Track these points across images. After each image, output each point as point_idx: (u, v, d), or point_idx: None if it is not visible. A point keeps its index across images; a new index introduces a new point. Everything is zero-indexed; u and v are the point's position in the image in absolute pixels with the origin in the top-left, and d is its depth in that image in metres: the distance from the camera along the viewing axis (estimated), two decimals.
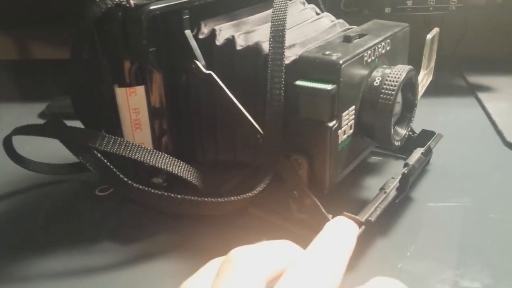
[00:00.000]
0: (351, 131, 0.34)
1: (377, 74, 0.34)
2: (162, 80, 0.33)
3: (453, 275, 0.32)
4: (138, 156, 0.32)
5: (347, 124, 0.33)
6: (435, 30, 0.44)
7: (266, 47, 0.35)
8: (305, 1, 0.44)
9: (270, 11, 0.41)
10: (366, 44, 0.34)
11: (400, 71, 0.34)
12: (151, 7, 0.31)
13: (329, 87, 0.30)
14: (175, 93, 0.35)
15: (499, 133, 0.50)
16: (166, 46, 0.33)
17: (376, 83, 0.34)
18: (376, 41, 0.35)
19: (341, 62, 0.31)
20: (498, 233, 0.36)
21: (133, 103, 0.33)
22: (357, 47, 0.33)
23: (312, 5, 0.44)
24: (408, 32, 0.40)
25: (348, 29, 0.40)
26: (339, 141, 0.32)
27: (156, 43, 0.33)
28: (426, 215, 0.39)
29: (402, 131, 0.37)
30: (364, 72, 0.34)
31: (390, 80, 0.34)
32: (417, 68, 0.42)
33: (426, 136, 0.44)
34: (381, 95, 0.33)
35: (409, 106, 0.37)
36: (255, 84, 0.35)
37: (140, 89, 0.33)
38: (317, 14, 0.43)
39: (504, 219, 0.38)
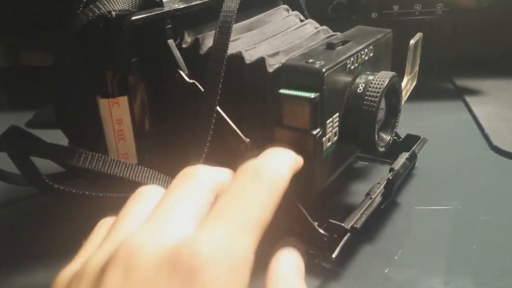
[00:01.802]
0: (336, 138, 0.34)
1: (360, 81, 0.35)
2: (145, 90, 0.33)
3: (438, 282, 0.32)
4: (117, 172, 0.32)
5: (331, 131, 0.33)
6: (418, 35, 0.44)
7: (249, 55, 0.35)
8: (289, 8, 0.45)
9: (254, 18, 0.42)
10: (349, 51, 0.34)
11: (383, 78, 0.34)
12: (133, 18, 0.31)
13: (312, 95, 0.30)
14: (159, 103, 0.35)
15: (486, 137, 0.51)
16: (149, 56, 0.33)
17: (360, 90, 0.34)
18: (359, 48, 0.35)
19: (324, 70, 0.31)
20: (486, 237, 0.37)
21: (116, 114, 0.33)
22: (340, 55, 0.33)
23: (296, 12, 0.44)
24: (391, 38, 0.41)
25: (332, 35, 0.40)
26: (324, 149, 0.32)
27: (139, 53, 0.33)
28: (413, 219, 0.39)
29: (387, 137, 0.37)
30: (348, 79, 0.34)
31: (373, 87, 0.34)
32: (402, 73, 0.43)
33: (411, 140, 0.44)
34: (365, 102, 0.33)
35: (393, 112, 0.37)
36: (239, 92, 0.35)
37: (123, 100, 0.33)
38: (301, 21, 0.43)
39: (494, 222, 0.38)
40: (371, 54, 0.37)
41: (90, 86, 0.32)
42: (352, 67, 0.34)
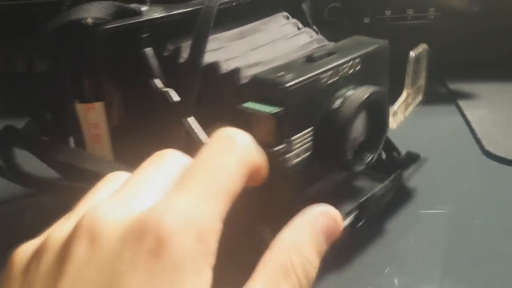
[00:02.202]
0: (308, 154, 0.33)
1: (338, 96, 0.33)
2: (121, 97, 0.34)
3: None
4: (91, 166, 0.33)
5: (300, 147, 0.32)
6: (422, 46, 0.41)
7: (227, 65, 0.35)
8: (288, 16, 0.43)
9: (247, 26, 0.41)
10: (328, 64, 0.33)
11: (361, 93, 0.33)
12: (107, 26, 0.32)
13: (274, 110, 0.29)
14: (135, 110, 0.35)
15: (478, 141, 0.51)
16: (126, 63, 0.34)
17: (336, 105, 0.33)
18: (341, 61, 0.34)
19: (288, 84, 0.30)
20: (479, 242, 0.37)
21: (92, 118, 0.34)
22: (317, 68, 0.32)
23: (295, 20, 0.43)
24: (387, 49, 0.39)
25: (323, 46, 0.39)
26: (289, 165, 0.32)
27: (115, 60, 0.33)
28: (406, 223, 0.39)
29: (368, 156, 0.35)
30: (323, 93, 0.33)
31: (349, 102, 0.32)
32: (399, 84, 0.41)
33: (411, 158, 0.42)
34: (338, 118, 0.32)
35: (377, 130, 0.36)
36: (214, 103, 0.35)
37: (99, 105, 0.34)
38: (299, 29, 0.42)
39: (486, 226, 0.38)
40: (358, 67, 0.35)
41: (69, 91, 0.34)
42: (330, 81, 0.33)
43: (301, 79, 0.31)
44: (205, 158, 0.21)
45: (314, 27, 0.46)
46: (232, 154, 0.21)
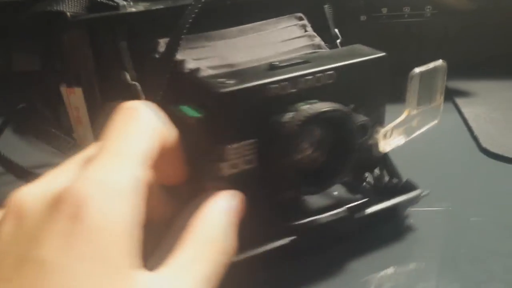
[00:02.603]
0: (250, 167, 0.31)
1: (292, 109, 0.31)
2: (98, 85, 0.36)
3: (426, 287, 0.32)
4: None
5: (240, 158, 0.31)
6: (436, 63, 0.35)
7: (193, 64, 0.34)
8: (302, 17, 0.41)
9: (247, 25, 0.40)
10: (286, 74, 0.31)
11: (317, 107, 0.30)
12: (82, 18, 0.34)
13: (198, 115, 0.29)
14: (111, 98, 0.37)
15: (475, 138, 0.51)
16: (103, 54, 0.35)
17: (285, 119, 0.30)
18: (304, 72, 0.31)
19: (221, 91, 0.29)
20: (475, 239, 0.37)
21: (73, 101, 0.37)
22: (269, 76, 0.31)
23: (304, 22, 0.40)
24: (385, 62, 0.34)
25: (314, 52, 0.36)
26: (222, 175, 0.30)
27: (93, 50, 0.35)
28: (405, 220, 0.39)
29: (326, 181, 0.32)
30: (274, 105, 0.31)
31: (298, 117, 0.30)
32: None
33: (407, 188, 0.37)
34: (280, 132, 0.30)
35: (339, 152, 0.32)
36: (175, 100, 0.35)
37: (78, 91, 0.36)
38: (306, 32, 0.39)
39: (483, 223, 0.38)
40: (332, 80, 0.32)
41: (57, 76, 0.37)
42: (284, 92, 0.31)
43: (240, 87, 0.29)
44: (111, 129, 0.22)
45: (336, 30, 0.42)
46: (136, 119, 0.22)
